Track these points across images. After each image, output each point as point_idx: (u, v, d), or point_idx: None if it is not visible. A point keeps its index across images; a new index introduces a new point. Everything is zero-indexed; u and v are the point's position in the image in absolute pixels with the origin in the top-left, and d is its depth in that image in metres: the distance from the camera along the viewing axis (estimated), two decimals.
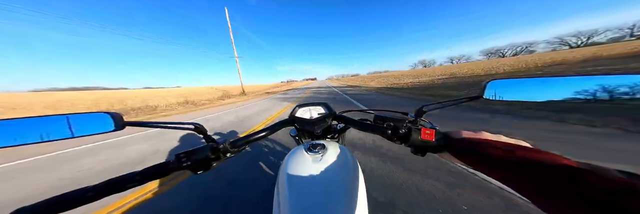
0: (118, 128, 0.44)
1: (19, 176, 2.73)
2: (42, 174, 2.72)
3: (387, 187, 1.78)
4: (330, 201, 0.47)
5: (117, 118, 0.44)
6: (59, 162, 3.17)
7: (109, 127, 0.43)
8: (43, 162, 3.24)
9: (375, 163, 2.28)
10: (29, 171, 2.90)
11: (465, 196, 1.59)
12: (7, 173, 2.84)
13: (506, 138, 0.39)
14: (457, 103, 0.53)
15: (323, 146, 0.62)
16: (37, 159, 3.36)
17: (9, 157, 3.41)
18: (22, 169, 2.97)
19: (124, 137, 4.54)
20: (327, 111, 0.81)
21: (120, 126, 0.44)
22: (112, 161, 3.09)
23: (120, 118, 0.45)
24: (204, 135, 0.55)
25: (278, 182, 0.59)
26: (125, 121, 0.45)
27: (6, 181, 2.57)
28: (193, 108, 10.98)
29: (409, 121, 0.55)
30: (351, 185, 0.53)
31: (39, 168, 2.99)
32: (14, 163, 3.24)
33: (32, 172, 2.84)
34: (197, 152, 0.50)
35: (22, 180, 2.57)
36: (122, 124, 0.45)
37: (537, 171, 0.27)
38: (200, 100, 15.45)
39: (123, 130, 0.45)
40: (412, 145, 0.49)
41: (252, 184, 2.03)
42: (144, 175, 0.44)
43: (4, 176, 2.76)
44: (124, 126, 0.45)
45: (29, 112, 11.96)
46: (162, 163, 0.48)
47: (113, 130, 0.44)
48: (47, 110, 12.57)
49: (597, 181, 0.23)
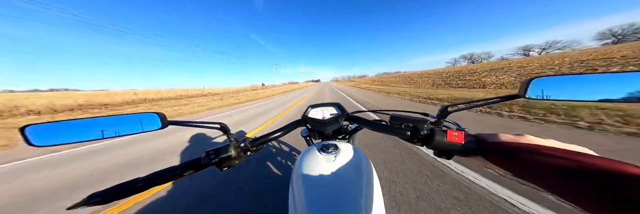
0: (163, 126, 0.49)
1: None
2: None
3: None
4: (347, 202, 0.46)
5: (163, 118, 0.49)
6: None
7: (157, 125, 0.49)
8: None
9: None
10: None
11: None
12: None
13: (559, 143, 0.35)
14: (490, 103, 0.48)
15: (336, 147, 0.62)
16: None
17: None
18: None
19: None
20: (339, 112, 0.81)
21: (165, 125, 0.49)
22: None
23: (165, 118, 0.50)
24: (227, 134, 0.58)
25: (292, 181, 0.60)
26: (169, 120, 0.50)
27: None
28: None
29: (430, 122, 0.53)
30: (366, 186, 0.52)
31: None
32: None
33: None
34: (222, 150, 0.53)
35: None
36: (166, 123, 0.50)
37: (601, 181, 0.24)
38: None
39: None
40: (436, 147, 0.47)
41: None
42: (183, 169, 0.49)
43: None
44: (168, 125, 0.50)
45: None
46: (195, 159, 0.53)
47: (160, 128, 0.49)
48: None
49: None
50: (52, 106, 12.40)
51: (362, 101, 9.60)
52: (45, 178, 2.69)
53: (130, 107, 14.03)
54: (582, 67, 15.84)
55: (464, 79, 21.82)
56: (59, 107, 12.47)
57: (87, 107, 13.53)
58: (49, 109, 11.89)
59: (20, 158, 3.70)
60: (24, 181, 2.66)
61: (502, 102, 0.47)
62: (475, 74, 22.82)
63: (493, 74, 20.31)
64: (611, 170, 0.24)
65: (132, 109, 13.39)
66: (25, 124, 0.41)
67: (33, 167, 3.21)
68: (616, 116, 3.44)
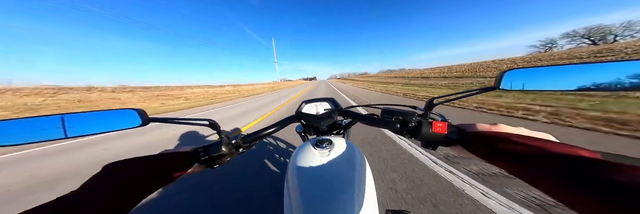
0: (143, 124, 0.46)
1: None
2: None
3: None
4: (341, 196, 0.47)
5: (143, 114, 0.47)
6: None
7: (136, 122, 0.46)
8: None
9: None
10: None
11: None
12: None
13: (528, 131, 0.37)
14: (470, 95, 0.52)
15: (330, 142, 0.63)
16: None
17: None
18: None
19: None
20: (334, 107, 0.81)
21: (146, 122, 0.47)
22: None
23: (146, 114, 0.47)
24: (218, 131, 0.57)
25: (287, 177, 0.60)
26: (150, 117, 0.48)
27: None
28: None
29: (418, 114, 0.55)
30: (360, 180, 0.53)
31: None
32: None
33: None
34: (212, 147, 0.52)
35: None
36: (147, 120, 0.47)
37: (560, 166, 0.26)
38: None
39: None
40: (422, 138, 0.49)
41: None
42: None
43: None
44: (149, 122, 0.47)
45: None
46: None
47: (139, 125, 0.46)
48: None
49: (623, 175, 0.21)
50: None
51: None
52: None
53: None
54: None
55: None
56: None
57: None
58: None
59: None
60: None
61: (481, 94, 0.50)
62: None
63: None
64: (566, 154, 0.27)
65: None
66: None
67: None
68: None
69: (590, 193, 0.22)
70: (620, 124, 2.90)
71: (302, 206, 0.46)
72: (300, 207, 0.46)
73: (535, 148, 0.30)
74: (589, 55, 20.91)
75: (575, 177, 0.24)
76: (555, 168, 0.26)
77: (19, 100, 11.92)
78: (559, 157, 0.27)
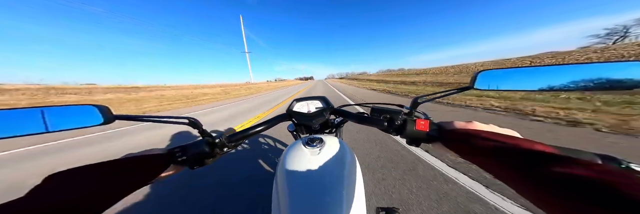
0: (107, 121, 0.42)
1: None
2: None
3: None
4: (329, 195, 0.47)
5: (106, 111, 0.42)
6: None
7: (97, 120, 0.41)
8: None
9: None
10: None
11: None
12: None
13: (498, 128, 0.39)
14: (449, 94, 0.54)
15: (321, 140, 0.62)
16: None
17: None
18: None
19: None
20: (325, 105, 0.81)
21: (110, 119, 0.42)
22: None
23: (109, 111, 0.43)
24: (199, 129, 0.54)
25: (277, 176, 0.59)
26: (115, 115, 0.43)
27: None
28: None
29: (404, 113, 0.56)
30: (349, 179, 0.53)
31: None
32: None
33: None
34: (192, 147, 0.49)
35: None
36: (111, 117, 0.43)
37: (520, 160, 0.27)
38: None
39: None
40: (407, 136, 0.50)
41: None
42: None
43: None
44: (114, 119, 0.43)
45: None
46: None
47: (101, 123, 0.42)
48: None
49: (576, 168, 0.22)
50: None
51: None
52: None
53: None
54: None
55: None
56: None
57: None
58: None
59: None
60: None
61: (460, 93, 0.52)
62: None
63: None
64: (527, 149, 0.28)
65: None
66: None
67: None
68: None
69: (545, 185, 0.23)
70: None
71: (289, 205, 0.45)
72: (288, 206, 0.45)
73: (500, 143, 0.31)
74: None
75: (532, 170, 0.25)
76: (515, 161, 0.27)
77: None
78: (519, 152, 0.28)
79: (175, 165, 0.46)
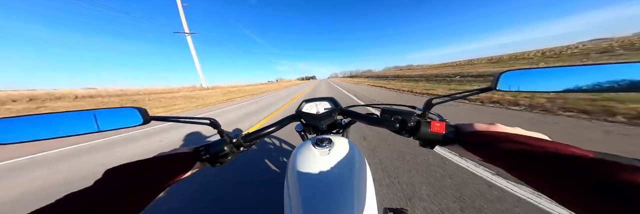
0: (145, 122, 0.46)
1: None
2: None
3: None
4: (340, 195, 0.47)
5: (144, 113, 0.47)
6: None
7: (137, 121, 0.46)
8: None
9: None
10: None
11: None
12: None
13: (523, 131, 0.38)
14: (468, 96, 0.53)
15: (330, 141, 0.63)
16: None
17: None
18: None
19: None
20: (334, 106, 0.82)
21: (147, 120, 0.47)
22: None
23: (147, 113, 0.47)
24: (218, 129, 0.57)
25: (287, 176, 0.60)
26: (151, 116, 0.48)
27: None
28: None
29: (417, 114, 0.56)
30: (359, 179, 0.54)
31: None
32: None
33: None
34: (213, 146, 0.53)
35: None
36: (148, 118, 0.47)
37: (554, 165, 0.26)
38: None
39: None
40: (420, 138, 0.50)
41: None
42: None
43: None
44: (150, 120, 0.47)
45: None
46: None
47: (141, 124, 0.46)
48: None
49: (615, 174, 0.21)
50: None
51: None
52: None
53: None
54: None
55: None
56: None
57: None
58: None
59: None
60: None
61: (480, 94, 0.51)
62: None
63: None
64: (559, 153, 0.27)
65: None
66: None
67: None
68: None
69: (581, 191, 0.22)
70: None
71: (302, 204, 0.46)
72: (300, 205, 0.46)
73: (530, 146, 0.30)
74: None
75: (567, 175, 0.24)
76: (549, 166, 0.27)
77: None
78: (552, 156, 0.27)
79: (199, 163, 0.50)
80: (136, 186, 0.37)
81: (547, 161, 0.27)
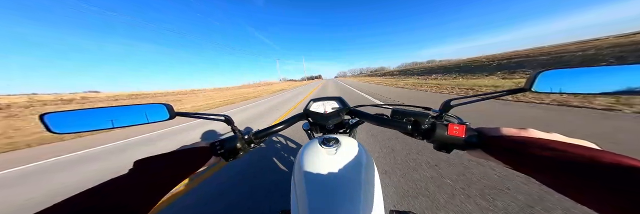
0: (172, 117, 0.51)
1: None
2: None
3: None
4: (347, 195, 0.47)
5: (170, 109, 0.51)
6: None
7: (165, 116, 0.51)
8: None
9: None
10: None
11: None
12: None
13: (563, 137, 0.34)
14: (496, 97, 0.48)
15: (337, 140, 0.62)
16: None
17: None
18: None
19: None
20: (341, 106, 0.81)
21: (173, 116, 0.51)
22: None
23: (173, 109, 0.52)
24: (232, 126, 0.60)
25: (294, 175, 0.61)
26: (176, 112, 0.52)
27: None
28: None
29: (432, 116, 0.53)
30: (367, 180, 0.53)
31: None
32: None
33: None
34: (227, 141, 0.56)
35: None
36: (173, 114, 0.51)
37: (606, 176, 0.23)
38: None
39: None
40: (436, 141, 0.47)
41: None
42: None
43: None
44: (175, 116, 0.52)
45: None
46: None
47: (168, 119, 0.51)
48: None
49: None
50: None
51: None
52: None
53: None
54: None
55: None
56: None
57: None
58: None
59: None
60: None
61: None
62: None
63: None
64: (613, 163, 0.24)
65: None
66: (44, 112, 0.43)
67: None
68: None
69: (634, 204, 0.20)
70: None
71: (308, 203, 0.46)
72: (307, 204, 0.46)
73: (574, 155, 0.27)
74: None
75: (625, 189, 0.21)
76: (600, 178, 0.23)
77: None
78: (604, 167, 0.24)
79: (215, 157, 0.54)
80: (161, 176, 0.40)
81: (599, 172, 0.24)
